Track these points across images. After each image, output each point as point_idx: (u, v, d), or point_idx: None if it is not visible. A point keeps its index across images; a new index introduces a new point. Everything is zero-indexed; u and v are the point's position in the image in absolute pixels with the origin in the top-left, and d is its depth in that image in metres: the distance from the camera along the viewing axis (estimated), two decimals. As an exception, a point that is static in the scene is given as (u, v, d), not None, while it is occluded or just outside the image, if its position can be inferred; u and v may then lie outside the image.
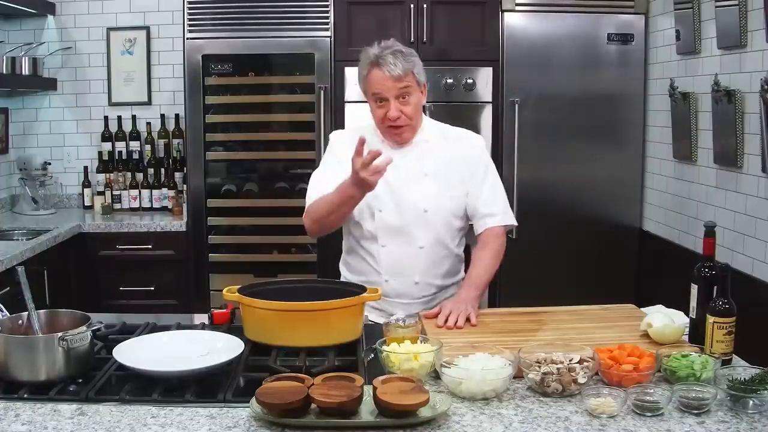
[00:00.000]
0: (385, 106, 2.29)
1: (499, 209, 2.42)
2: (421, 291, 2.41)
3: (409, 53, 2.32)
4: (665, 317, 1.96)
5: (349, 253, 2.50)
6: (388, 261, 2.38)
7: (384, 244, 2.37)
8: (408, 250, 2.37)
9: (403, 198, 2.36)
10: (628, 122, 4.02)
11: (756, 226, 2.99)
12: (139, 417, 1.54)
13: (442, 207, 2.38)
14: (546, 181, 4.01)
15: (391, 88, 2.27)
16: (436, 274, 2.42)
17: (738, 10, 2.99)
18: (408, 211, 2.36)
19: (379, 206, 2.36)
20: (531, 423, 1.53)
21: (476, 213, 2.41)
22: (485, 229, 2.40)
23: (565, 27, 3.94)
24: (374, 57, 2.28)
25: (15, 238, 3.78)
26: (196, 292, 4.02)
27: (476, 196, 2.41)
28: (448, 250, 2.43)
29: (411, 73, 2.29)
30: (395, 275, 2.38)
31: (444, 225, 2.39)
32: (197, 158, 4.02)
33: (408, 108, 2.30)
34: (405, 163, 2.36)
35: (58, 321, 1.85)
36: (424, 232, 2.37)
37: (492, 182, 2.46)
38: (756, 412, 1.56)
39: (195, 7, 3.94)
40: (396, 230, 2.36)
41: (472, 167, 2.42)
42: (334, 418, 1.50)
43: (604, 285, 3.75)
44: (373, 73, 2.28)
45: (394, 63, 2.25)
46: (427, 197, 2.36)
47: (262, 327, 1.92)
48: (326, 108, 3.93)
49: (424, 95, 2.38)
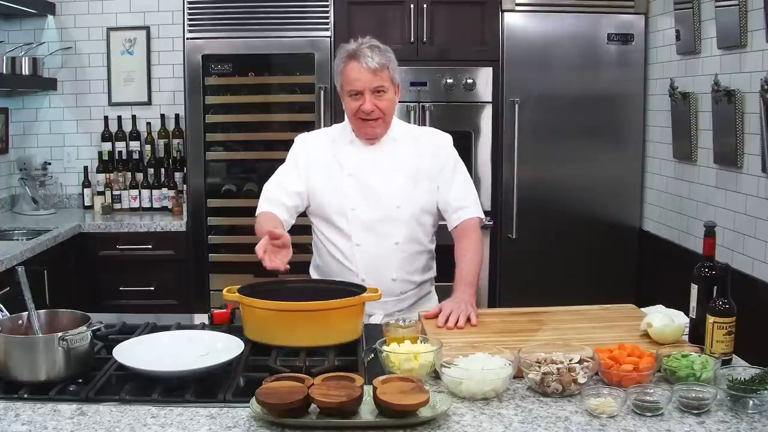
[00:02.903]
0: (359, 99, 2.31)
1: (470, 202, 2.45)
2: (399, 288, 2.42)
3: (386, 49, 2.35)
4: (665, 317, 1.96)
5: (321, 257, 2.51)
6: (364, 259, 2.38)
7: (358, 243, 2.38)
8: (383, 247, 2.38)
9: (375, 195, 2.38)
10: (628, 122, 4.03)
11: (756, 226, 2.99)
12: (139, 417, 1.54)
13: (414, 202, 2.40)
14: (546, 181, 4.01)
15: (366, 81, 2.28)
16: (411, 270, 2.43)
17: (738, 10, 2.98)
18: (381, 208, 2.37)
19: (352, 205, 2.37)
20: (531, 423, 1.53)
21: (448, 207, 2.43)
22: (460, 221, 2.42)
23: (565, 27, 3.94)
24: (351, 51, 2.32)
25: (15, 238, 3.78)
26: (196, 292, 4.02)
27: (447, 191, 2.43)
28: (421, 246, 2.45)
29: (387, 69, 2.31)
30: (371, 273, 2.37)
31: (416, 220, 2.41)
32: (197, 158, 4.02)
33: (382, 103, 2.32)
34: (375, 161, 2.39)
35: (58, 321, 1.85)
36: (397, 228, 2.38)
37: (462, 177, 2.48)
38: (756, 412, 1.56)
39: (195, 7, 3.94)
40: (370, 227, 2.37)
41: (440, 162, 2.44)
42: (334, 418, 1.50)
43: (604, 285, 3.76)
44: (349, 65, 2.30)
45: (371, 56, 2.28)
46: (398, 193, 2.38)
47: (262, 327, 1.92)
48: (326, 108, 3.93)
49: (398, 95, 2.41)
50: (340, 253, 2.41)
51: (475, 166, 3.93)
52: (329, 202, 2.39)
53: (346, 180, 2.37)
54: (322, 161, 2.42)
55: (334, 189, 2.39)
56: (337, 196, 2.37)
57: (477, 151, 3.97)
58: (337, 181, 2.39)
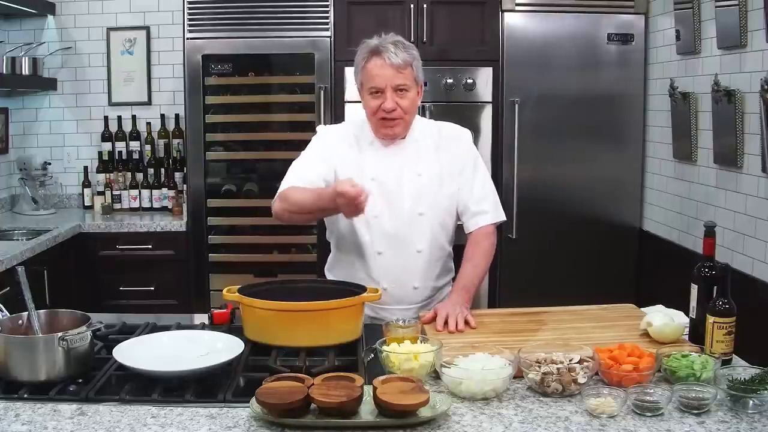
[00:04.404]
0: (380, 97, 2.23)
1: (489, 206, 2.38)
2: (420, 296, 2.37)
3: (410, 46, 2.28)
4: (665, 316, 1.96)
5: (338, 263, 2.43)
6: (385, 268, 2.31)
7: (380, 251, 2.31)
8: (405, 256, 2.31)
9: (398, 201, 2.30)
10: (628, 122, 4.02)
11: (756, 226, 2.99)
12: (139, 417, 1.54)
13: (438, 207, 2.33)
14: (546, 181, 4.00)
15: (389, 78, 2.20)
16: (432, 276, 2.38)
17: (738, 10, 2.98)
18: (403, 216, 2.30)
19: (374, 212, 2.25)
20: (531, 423, 1.53)
21: (467, 210, 2.37)
22: (477, 227, 2.36)
23: (565, 27, 3.94)
24: (374, 46, 2.24)
25: (15, 238, 3.78)
26: (196, 292, 4.01)
27: (467, 193, 2.36)
28: (443, 251, 2.40)
29: (410, 67, 2.24)
30: (393, 282, 2.31)
31: (440, 225, 2.35)
32: (197, 158, 4.02)
33: (404, 102, 2.24)
34: (398, 164, 2.31)
35: (58, 321, 1.85)
36: (420, 236, 2.32)
37: (482, 178, 2.41)
38: (756, 412, 1.56)
39: (195, 7, 3.94)
40: (392, 236, 2.30)
41: (461, 163, 2.37)
42: (334, 418, 1.50)
43: (604, 285, 3.75)
44: (372, 61, 2.22)
45: (395, 52, 2.20)
46: (422, 199, 2.31)
47: (262, 327, 1.92)
48: (326, 108, 3.92)
49: (420, 95, 2.33)
50: (359, 261, 2.33)
51: (475, 166, 3.93)
52: None
53: (368, 184, 2.21)
54: (348, 158, 2.32)
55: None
56: None
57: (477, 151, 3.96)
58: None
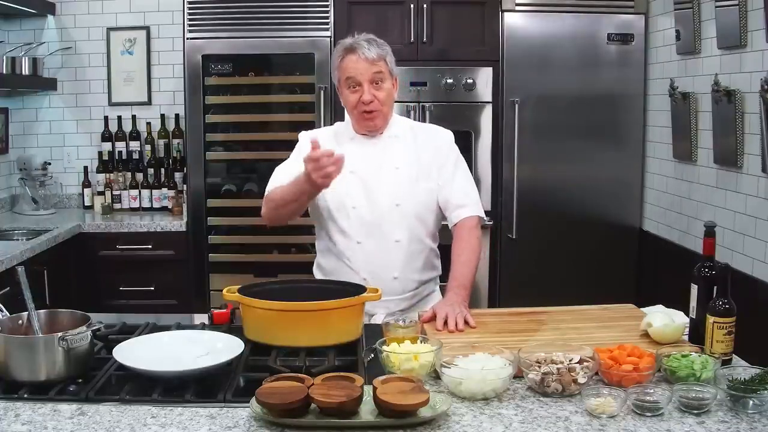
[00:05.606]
0: (358, 91, 2.32)
1: (471, 200, 2.44)
2: (401, 287, 2.40)
3: (383, 43, 2.38)
4: (665, 317, 1.96)
5: (324, 255, 2.49)
6: (365, 258, 2.37)
7: (359, 241, 2.37)
8: (384, 245, 2.37)
9: (376, 192, 2.38)
10: (628, 122, 4.03)
11: (756, 226, 2.99)
12: (139, 417, 1.54)
13: (415, 200, 2.39)
14: (546, 181, 4.01)
15: (364, 72, 2.30)
16: (413, 268, 2.42)
17: (738, 10, 2.99)
18: (381, 206, 2.37)
19: (353, 203, 2.37)
20: (531, 423, 1.53)
21: (448, 205, 2.43)
22: (459, 220, 2.41)
23: (565, 27, 3.94)
24: (348, 45, 2.35)
25: (15, 238, 3.78)
26: (196, 292, 4.02)
27: (448, 188, 2.43)
28: (423, 245, 2.44)
29: (384, 60, 2.33)
30: (373, 272, 2.36)
31: (417, 218, 2.40)
32: (197, 158, 4.02)
33: (381, 93, 2.33)
34: (376, 157, 2.39)
35: (58, 321, 1.85)
36: (398, 227, 2.38)
37: (463, 175, 2.47)
38: (756, 412, 1.56)
39: (195, 7, 3.94)
40: (370, 225, 2.37)
41: (441, 159, 2.45)
42: (334, 418, 1.50)
43: (604, 285, 3.75)
44: (347, 58, 2.33)
45: (369, 48, 2.31)
46: (399, 190, 2.38)
47: (262, 327, 1.92)
48: (326, 108, 3.93)
49: (396, 88, 2.42)
50: (341, 251, 2.40)
51: (475, 166, 3.93)
52: (331, 199, 2.38)
53: (347, 177, 2.34)
54: None
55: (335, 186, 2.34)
56: (338, 193, 2.35)
57: (477, 151, 3.97)
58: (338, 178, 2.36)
